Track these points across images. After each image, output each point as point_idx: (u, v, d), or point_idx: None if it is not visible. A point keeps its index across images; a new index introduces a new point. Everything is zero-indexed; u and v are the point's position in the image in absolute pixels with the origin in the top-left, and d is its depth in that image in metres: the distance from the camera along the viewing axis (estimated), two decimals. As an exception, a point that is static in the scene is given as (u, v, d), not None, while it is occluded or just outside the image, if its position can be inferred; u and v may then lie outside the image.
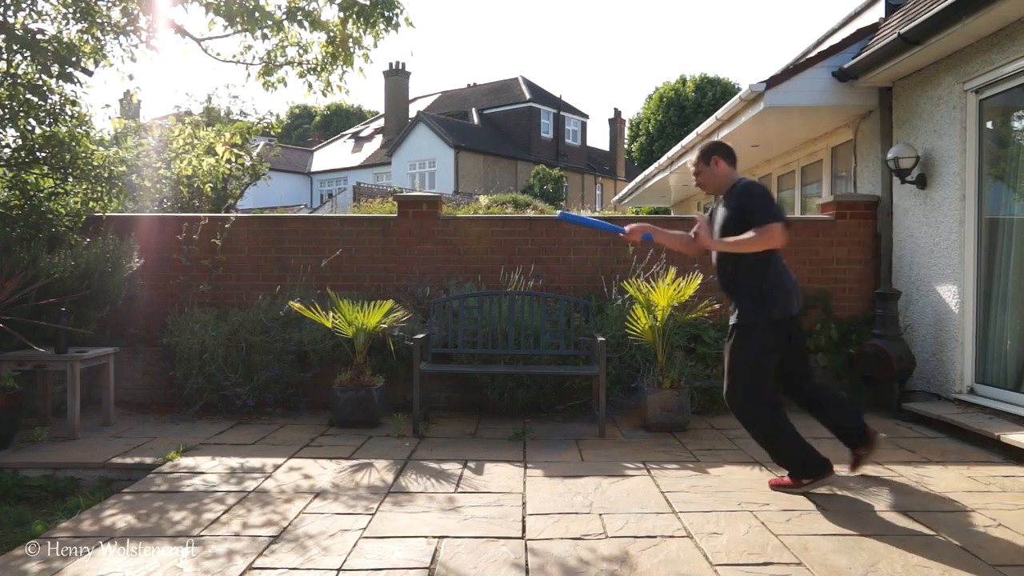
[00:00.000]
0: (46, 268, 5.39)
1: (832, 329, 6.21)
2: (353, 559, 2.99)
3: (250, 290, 6.39)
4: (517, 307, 5.79)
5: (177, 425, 5.46)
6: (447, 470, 4.29)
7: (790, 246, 6.43)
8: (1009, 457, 4.50)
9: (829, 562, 2.95)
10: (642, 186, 13.82)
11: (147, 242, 6.30)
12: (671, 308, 5.32)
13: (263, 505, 3.66)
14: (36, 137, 5.78)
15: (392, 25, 6.09)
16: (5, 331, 4.98)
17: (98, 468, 4.45)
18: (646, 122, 34.29)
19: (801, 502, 3.69)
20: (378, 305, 5.43)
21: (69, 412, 5.06)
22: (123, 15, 5.75)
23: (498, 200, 20.97)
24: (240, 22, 5.78)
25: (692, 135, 9.32)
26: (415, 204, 6.64)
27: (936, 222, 5.77)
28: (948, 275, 5.62)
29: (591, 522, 3.41)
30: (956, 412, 5.23)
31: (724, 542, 3.17)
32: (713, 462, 4.47)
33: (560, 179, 30.43)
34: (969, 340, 5.47)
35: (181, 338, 5.86)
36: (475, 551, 3.08)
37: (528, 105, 37.71)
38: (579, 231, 6.56)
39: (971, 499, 3.73)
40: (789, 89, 6.68)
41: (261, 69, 6.46)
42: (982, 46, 5.18)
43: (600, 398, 5.20)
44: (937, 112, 5.74)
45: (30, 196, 5.86)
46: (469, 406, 6.07)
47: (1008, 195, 5.26)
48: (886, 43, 5.68)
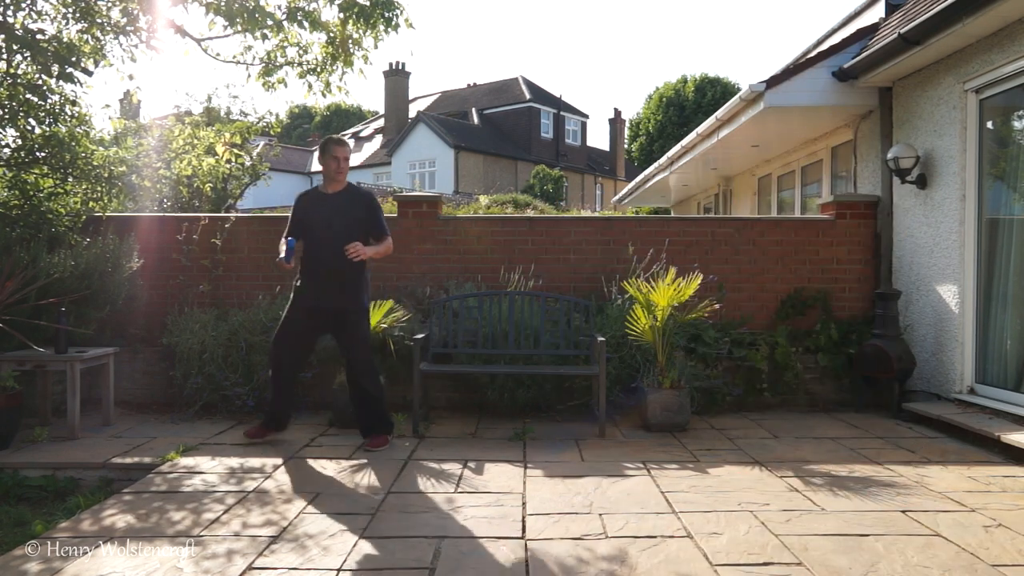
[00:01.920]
0: (46, 268, 5.38)
1: (832, 329, 6.22)
2: (353, 559, 2.99)
3: (250, 290, 6.38)
4: (517, 307, 5.79)
5: (177, 425, 5.46)
6: (447, 470, 4.28)
7: (791, 246, 6.52)
8: (1009, 457, 4.50)
9: (829, 562, 2.95)
10: (642, 186, 13.82)
11: (147, 242, 6.30)
12: (671, 308, 5.32)
13: (263, 505, 3.66)
14: (36, 137, 5.78)
15: (392, 26, 6.09)
16: (5, 331, 4.98)
17: (98, 468, 4.45)
18: (646, 122, 34.29)
19: (801, 502, 3.69)
20: (378, 305, 5.43)
21: (69, 412, 5.06)
22: (123, 15, 5.75)
23: (498, 200, 20.96)
24: (240, 22, 5.78)
25: (692, 135, 9.32)
26: (415, 204, 6.64)
27: (936, 222, 5.77)
28: (948, 275, 5.62)
29: (591, 522, 3.41)
30: (956, 412, 5.23)
31: (724, 542, 3.16)
32: (713, 462, 4.47)
33: (560, 179, 30.44)
34: (969, 340, 5.47)
35: (181, 338, 5.86)
36: (475, 551, 3.08)
37: (528, 105, 37.71)
38: (579, 231, 6.56)
39: (971, 499, 3.73)
40: (789, 89, 6.68)
41: (261, 69, 6.45)
42: (982, 46, 5.18)
43: (600, 398, 5.20)
44: (937, 112, 5.74)
45: (30, 196, 5.86)
46: (469, 406, 6.07)
47: (1008, 195, 5.26)
48: (886, 43, 5.68)
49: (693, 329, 5.91)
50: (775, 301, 6.45)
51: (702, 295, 5.75)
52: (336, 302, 4.68)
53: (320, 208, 4.73)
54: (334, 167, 4.74)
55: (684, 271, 5.66)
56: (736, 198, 11.90)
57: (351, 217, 4.69)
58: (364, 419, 4.87)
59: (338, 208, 4.70)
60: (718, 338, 5.98)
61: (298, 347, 4.83)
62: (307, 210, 4.78)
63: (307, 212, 4.77)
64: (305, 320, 4.74)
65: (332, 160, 4.73)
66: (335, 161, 4.73)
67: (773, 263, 6.49)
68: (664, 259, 6.25)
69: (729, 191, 12.22)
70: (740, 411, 6.01)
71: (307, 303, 4.71)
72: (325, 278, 4.66)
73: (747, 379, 6.10)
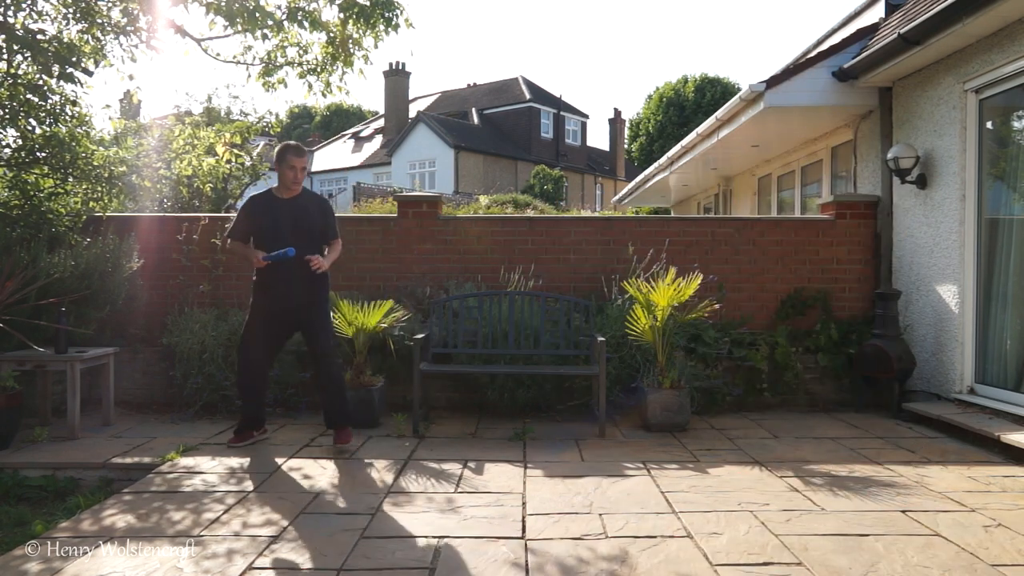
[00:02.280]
0: (46, 268, 5.38)
1: (832, 329, 6.22)
2: (353, 559, 2.99)
3: (250, 290, 6.37)
4: (517, 307, 5.79)
5: (177, 425, 5.46)
6: (447, 470, 4.29)
7: (791, 245, 6.52)
8: (1009, 457, 4.50)
9: (829, 562, 2.95)
10: (642, 186, 13.83)
11: (147, 242, 6.30)
12: (671, 308, 5.32)
13: (263, 505, 3.66)
14: (36, 137, 5.78)
15: (392, 26, 6.09)
16: (5, 331, 4.98)
17: (98, 468, 4.45)
18: (646, 122, 34.29)
19: (801, 502, 3.69)
20: (378, 305, 5.43)
21: (69, 412, 5.06)
22: (123, 15, 5.75)
23: (498, 200, 20.98)
24: (240, 22, 5.78)
25: (692, 135, 9.32)
26: (415, 204, 6.64)
27: (936, 222, 5.77)
28: (948, 275, 5.62)
29: (591, 522, 3.41)
30: (956, 412, 5.23)
31: (724, 542, 3.17)
32: (713, 462, 4.47)
33: (560, 179, 30.44)
34: (969, 340, 5.47)
35: (181, 338, 5.86)
36: (475, 551, 3.08)
37: (528, 105, 37.71)
38: (579, 231, 6.56)
39: (971, 499, 3.73)
40: (789, 89, 6.68)
41: (261, 70, 6.46)
42: (982, 46, 5.18)
43: (600, 398, 5.20)
44: (937, 112, 5.74)
45: (30, 196, 5.86)
46: (469, 406, 6.07)
47: (1008, 195, 5.26)
48: (886, 43, 5.68)
49: (693, 329, 5.91)
50: (775, 301, 6.46)
51: (702, 295, 5.75)
52: (298, 299, 4.73)
53: (279, 213, 4.73)
54: (291, 176, 4.72)
55: (684, 271, 5.66)
56: (736, 198, 11.90)
57: (311, 222, 4.77)
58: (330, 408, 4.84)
59: (297, 213, 4.74)
60: (718, 338, 5.98)
61: (266, 346, 4.85)
62: (265, 214, 4.75)
63: (265, 216, 4.75)
64: (270, 321, 4.78)
65: (289, 170, 4.71)
66: (292, 171, 4.71)
67: (773, 263, 6.49)
68: (664, 259, 6.25)
69: (729, 191, 12.22)
70: (740, 411, 6.01)
71: (272, 305, 4.74)
72: (288, 281, 4.68)
73: (747, 379, 6.10)
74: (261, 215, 4.76)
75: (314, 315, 4.79)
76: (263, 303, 4.77)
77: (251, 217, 4.79)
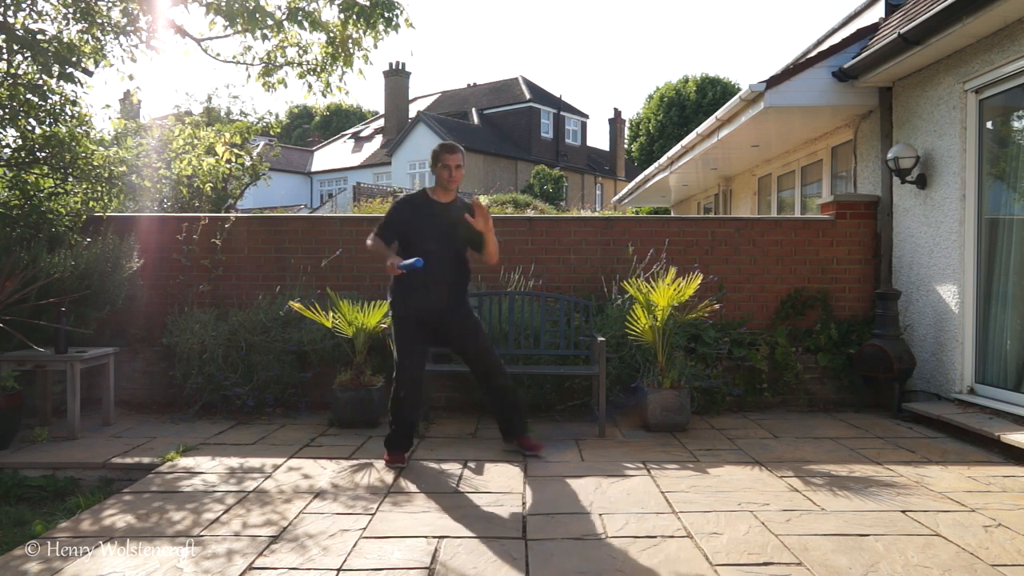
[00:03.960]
0: (46, 268, 5.38)
1: (832, 329, 6.22)
2: (353, 559, 2.99)
3: (250, 290, 6.39)
4: (517, 307, 5.79)
5: (177, 425, 5.46)
6: (447, 470, 4.29)
7: (791, 245, 6.52)
8: (1009, 457, 4.50)
9: (829, 562, 2.95)
10: (642, 186, 13.83)
11: (147, 242, 6.30)
12: (671, 308, 5.32)
13: (263, 505, 3.66)
14: (36, 137, 5.78)
15: (392, 26, 6.09)
16: (5, 331, 4.98)
17: (98, 468, 4.45)
18: (646, 122, 34.26)
19: (801, 502, 3.69)
20: (378, 305, 5.43)
21: (69, 412, 5.06)
22: (123, 15, 5.75)
23: (498, 200, 20.97)
24: (240, 22, 5.78)
25: (692, 135, 9.32)
26: (415, 204, 6.62)
27: (936, 222, 5.77)
28: (948, 275, 5.62)
29: (591, 522, 3.41)
30: (956, 412, 5.23)
31: (724, 542, 3.16)
32: (713, 462, 4.47)
33: (560, 179, 30.44)
34: (969, 340, 5.47)
35: (181, 338, 5.86)
36: (475, 551, 3.08)
37: (528, 105, 37.72)
38: (579, 231, 6.56)
39: (971, 499, 3.73)
40: (789, 89, 6.68)
41: (261, 70, 6.46)
42: (982, 46, 5.18)
43: (600, 398, 5.20)
44: (937, 112, 5.74)
45: (30, 196, 5.86)
46: (469, 406, 6.07)
47: (1008, 195, 5.26)
48: (886, 43, 5.68)
49: (693, 329, 5.91)
50: (775, 301, 6.46)
51: (702, 295, 5.75)
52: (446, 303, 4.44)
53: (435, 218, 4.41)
54: (446, 176, 4.38)
55: (684, 271, 5.66)
56: (736, 198, 11.90)
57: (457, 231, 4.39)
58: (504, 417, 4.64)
59: (452, 218, 4.37)
60: (718, 338, 5.99)
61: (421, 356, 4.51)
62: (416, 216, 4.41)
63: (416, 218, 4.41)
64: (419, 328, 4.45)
65: (443, 169, 4.37)
66: (447, 170, 4.37)
67: (773, 263, 6.49)
68: (664, 259, 6.25)
69: (729, 191, 12.22)
70: (740, 411, 6.01)
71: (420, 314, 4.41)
72: (436, 290, 4.39)
73: (747, 379, 6.10)
74: (412, 217, 4.42)
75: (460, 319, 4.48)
76: (405, 316, 4.42)
77: (401, 218, 4.44)
